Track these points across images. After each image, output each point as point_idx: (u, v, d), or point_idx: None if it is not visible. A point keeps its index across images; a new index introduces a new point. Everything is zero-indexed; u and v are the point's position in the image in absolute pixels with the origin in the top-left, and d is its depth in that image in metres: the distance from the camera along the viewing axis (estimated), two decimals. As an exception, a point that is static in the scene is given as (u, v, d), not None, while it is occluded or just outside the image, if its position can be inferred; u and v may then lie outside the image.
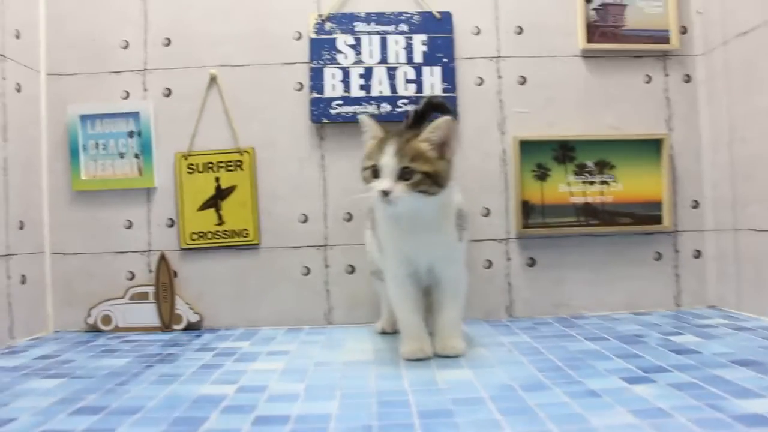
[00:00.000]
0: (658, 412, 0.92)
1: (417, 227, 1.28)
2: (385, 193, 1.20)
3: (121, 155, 1.74)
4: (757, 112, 1.58)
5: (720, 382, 1.05)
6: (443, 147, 1.26)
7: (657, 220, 1.77)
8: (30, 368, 1.32)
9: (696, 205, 1.80)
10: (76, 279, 1.74)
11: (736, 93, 1.67)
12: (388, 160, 1.21)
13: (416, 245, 1.30)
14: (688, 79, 1.80)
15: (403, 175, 1.21)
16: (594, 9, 1.77)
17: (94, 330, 1.71)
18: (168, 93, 1.75)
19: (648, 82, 1.79)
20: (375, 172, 1.24)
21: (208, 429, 0.91)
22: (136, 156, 1.74)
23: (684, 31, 1.79)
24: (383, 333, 1.58)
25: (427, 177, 1.22)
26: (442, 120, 1.24)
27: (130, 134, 1.74)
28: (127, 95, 1.75)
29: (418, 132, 1.27)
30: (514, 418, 0.92)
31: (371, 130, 1.31)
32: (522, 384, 1.09)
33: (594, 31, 1.76)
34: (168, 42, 1.75)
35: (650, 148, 1.77)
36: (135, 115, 1.74)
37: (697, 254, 1.80)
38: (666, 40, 1.77)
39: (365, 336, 1.58)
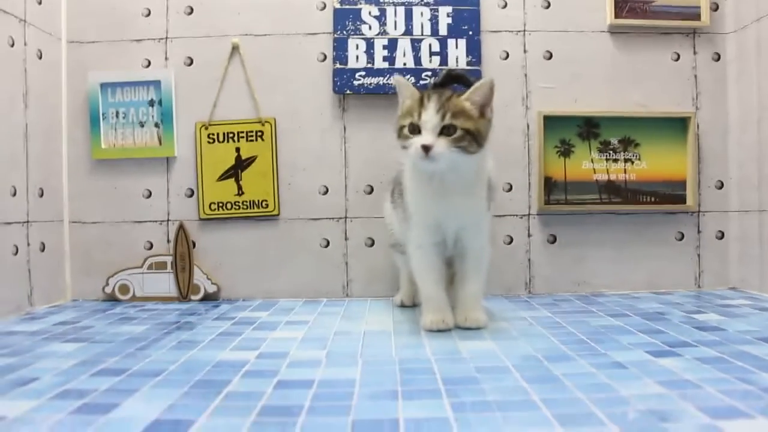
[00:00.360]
0: (687, 383, 0.90)
1: (451, 189, 1.26)
2: (426, 149, 1.19)
3: (142, 124, 1.73)
4: (788, 90, 1.56)
5: (747, 357, 1.04)
6: (484, 107, 1.26)
7: (681, 199, 1.75)
8: (50, 333, 1.31)
9: (721, 185, 1.77)
10: (95, 248, 1.73)
11: (767, 72, 1.63)
12: (431, 116, 1.20)
13: (448, 208, 1.29)
14: (717, 57, 1.76)
15: (445, 131, 1.20)
16: (622, -17, 1.74)
17: (111, 299, 1.71)
18: (189, 62, 1.74)
19: (676, 60, 1.76)
20: (413, 129, 1.22)
21: (230, 392, 0.91)
22: (156, 125, 1.73)
23: (716, 7, 1.76)
24: (402, 306, 1.58)
25: (468, 134, 1.21)
26: (486, 80, 1.24)
27: (151, 103, 1.73)
28: (149, 64, 1.74)
29: (456, 91, 1.27)
30: (540, 386, 0.91)
31: (406, 89, 1.29)
32: (546, 355, 1.08)
33: (622, 6, 1.73)
34: (190, 10, 1.74)
35: (676, 126, 1.74)
36: (156, 84, 1.72)
37: (720, 235, 1.77)
38: (696, 16, 1.74)
39: (384, 309, 1.57)
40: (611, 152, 1.74)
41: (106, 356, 1.11)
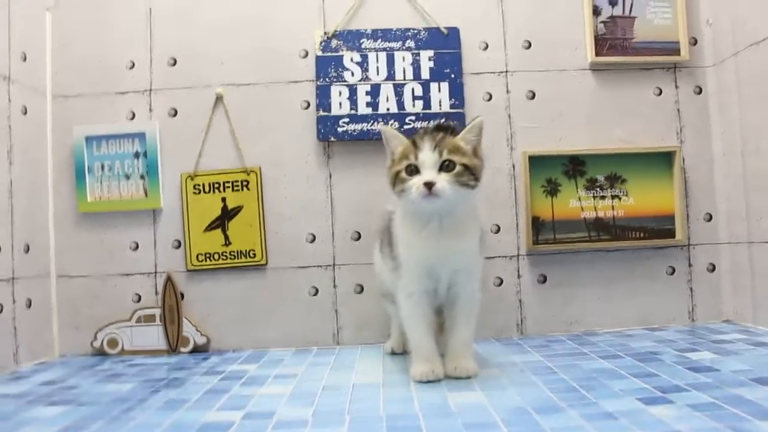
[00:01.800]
0: (678, 436, 0.89)
1: (446, 230, 1.27)
2: (429, 185, 1.19)
3: (127, 176, 1.73)
4: (770, 124, 1.56)
5: (740, 402, 1.02)
6: (476, 146, 1.28)
7: (670, 233, 1.74)
8: (34, 395, 1.29)
9: (709, 218, 1.77)
10: (82, 302, 1.72)
11: (749, 104, 1.64)
12: (428, 154, 1.22)
13: (443, 251, 1.28)
14: (699, 90, 1.77)
15: (444, 167, 1.22)
16: (602, 22, 1.75)
17: (100, 353, 1.69)
18: (174, 113, 1.74)
19: (658, 95, 1.77)
20: (411, 171, 1.23)
21: (215, 458, 0.89)
22: (142, 177, 1.73)
23: (694, 42, 1.78)
24: (392, 353, 1.56)
25: (466, 169, 1.23)
26: (477, 120, 1.28)
27: (136, 155, 1.73)
28: (133, 116, 1.74)
29: (448, 132, 1.28)
30: (529, 443, 0.89)
31: (395, 138, 1.31)
32: (536, 406, 1.06)
33: (603, 44, 1.75)
34: (174, 62, 1.75)
35: (662, 160, 1.74)
36: (141, 136, 1.73)
37: (712, 268, 1.77)
38: (676, 51, 1.75)
39: (374, 357, 1.55)
40: (598, 189, 1.74)
41: (90, 420, 1.09)
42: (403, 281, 1.33)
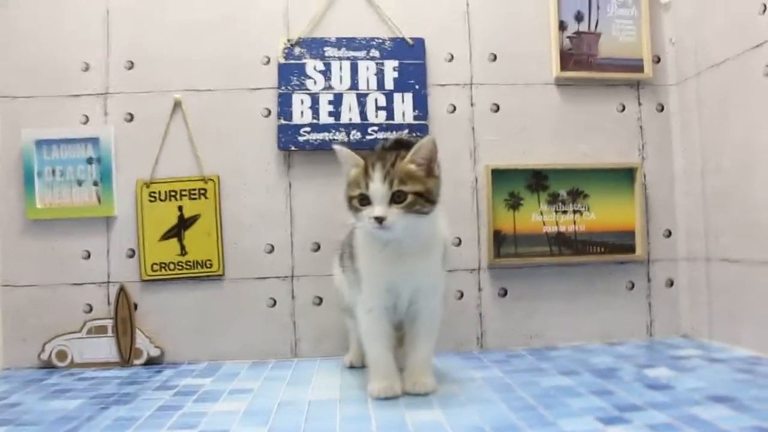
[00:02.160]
0: (637, 459, 0.88)
1: (406, 251, 1.25)
2: (380, 220, 1.17)
3: (80, 182, 1.67)
4: (729, 144, 1.58)
5: (697, 422, 1.02)
6: (430, 165, 1.24)
7: (630, 249, 1.75)
8: (-27, 414, 1.24)
9: (669, 234, 1.78)
10: (30, 312, 1.65)
11: (709, 124, 1.66)
12: (378, 186, 1.19)
13: (403, 271, 1.26)
14: (661, 108, 1.79)
15: (395, 198, 1.19)
16: (568, 37, 1.75)
17: (48, 366, 1.63)
18: (130, 118, 1.69)
19: (621, 111, 1.78)
20: (363, 200, 1.21)
21: (161, 484, 0.85)
22: (95, 183, 1.67)
23: (658, 60, 1.79)
24: (351, 367, 1.53)
25: (419, 197, 1.20)
26: (426, 139, 1.23)
27: (89, 161, 1.67)
28: (87, 120, 1.68)
29: (399, 153, 1.24)
30: (486, 467, 0.87)
31: (350, 158, 1.27)
32: (494, 426, 1.05)
33: (568, 59, 1.75)
34: (131, 65, 1.70)
35: (623, 177, 1.75)
36: (94, 141, 1.67)
37: (670, 283, 1.78)
38: (640, 69, 1.76)
39: (332, 371, 1.52)
40: (560, 204, 1.74)
41: (30, 442, 1.04)
42: (363, 296, 1.31)
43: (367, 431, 1.05)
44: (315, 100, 1.68)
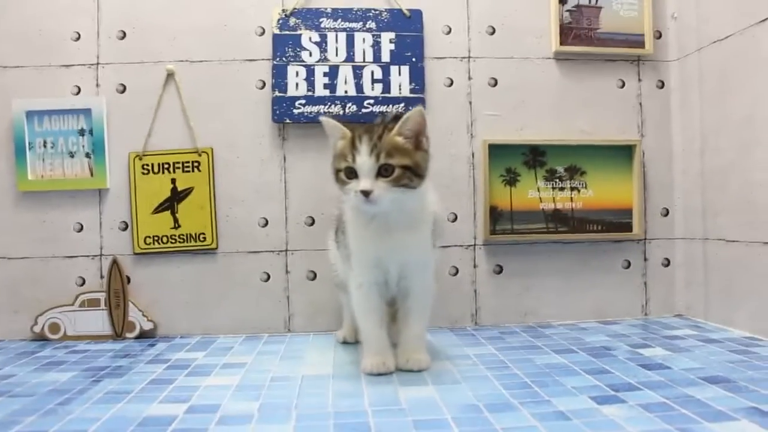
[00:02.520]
0: (629, 439, 0.88)
1: (394, 226, 1.23)
2: (366, 194, 1.16)
3: (71, 154, 1.65)
4: (729, 122, 1.56)
5: (691, 402, 1.02)
6: (418, 137, 1.22)
7: (627, 227, 1.74)
8: (-35, 385, 1.23)
9: (666, 213, 1.77)
10: (22, 285, 1.64)
11: (709, 101, 1.64)
12: (365, 159, 1.17)
13: (391, 245, 1.25)
14: (661, 84, 1.76)
15: (382, 171, 1.17)
16: (568, 11, 1.72)
17: (41, 338, 1.62)
18: (122, 89, 1.66)
19: (621, 87, 1.75)
20: (350, 173, 1.19)
21: (151, 458, 0.85)
22: (87, 155, 1.65)
23: (659, 35, 1.76)
24: (344, 342, 1.53)
25: (406, 170, 1.19)
26: (413, 111, 1.20)
27: (81, 132, 1.65)
28: (78, 91, 1.66)
29: (388, 126, 1.22)
30: (478, 445, 0.87)
31: (335, 130, 1.26)
32: (488, 404, 1.04)
33: (568, 33, 1.72)
34: (123, 35, 1.67)
35: (622, 154, 1.74)
36: (86, 112, 1.64)
37: (666, 263, 1.77)
38: (640, 44, 1.74)
39: (326, 346, 1.51)
40: (557, 181, 1.72)
41: (22, 414, 1.03)
42: (354, 271, 1.30)
43: (359, 407, 1.04)
44: (310, 72, 1.65)
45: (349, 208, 1.28)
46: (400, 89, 1.67)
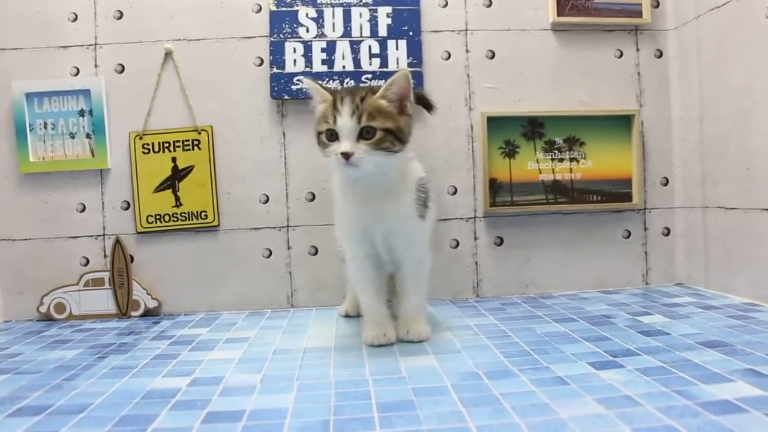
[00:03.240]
0: (626, 401, 0.89)
1: (376, 192, 1.22)
2: (346, 156, 1.15)
3: (72, 135, 1.66)
4: (728, 90, 1.55)
5: (688, 366, 1.03)
6: (402, 101, 1.21)
7: (627, 197, 1.74)
8: (-26, 363, 1.25)
9: (666, 182, 1.77)
10: (27, 266, 1.66)
11: (708, 69, 1.63)
12: (346, 120, 1.16)
13: (373, 212, 1.24)
14: (659, 54, 1.76)
15: (364, 133, 1.17)
16: (564, -19, 1.72)
17: (47, 318, 1.64)
18: (121, 69, 1.67)
19: (619, 57, 1.75)
20: (331, 136, 1.19)
21: (156, 429, 0.86)
22: (88, 136, 1.66)
23: (656, 4, 1.75)
24: (347, 316, 1.55)
25: (388, 133, 1.18)
26: (399, 74, 1.20)
27: (81, 113, 1.66)
28: (77, 71, 1.66)
29: (371, 88, 1.22)
30: (477, 409, 0.88)
31: (317, 93, 1.26)
32: (487, 371, 1.05)
33: (564, 4, 1.71)
34: (120, 15, 1.67)
35: (621, 124, 1.73)
36: (86, 93, 1.65)
37: (666, 232, 1.77)
38: (638, 13, 1.73)
39: (328, 320, 1.53)
40: (556, 152, 1.72)
41: (29, 390, 1.05)
42: (346, 242, 1.31)
43: (360, 376, 1.06)
44: (308, 48, 1.66)
45: (336, 178, 1.29)
46: (397, 63, 1.66)
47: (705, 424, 0.80)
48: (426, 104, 1.47)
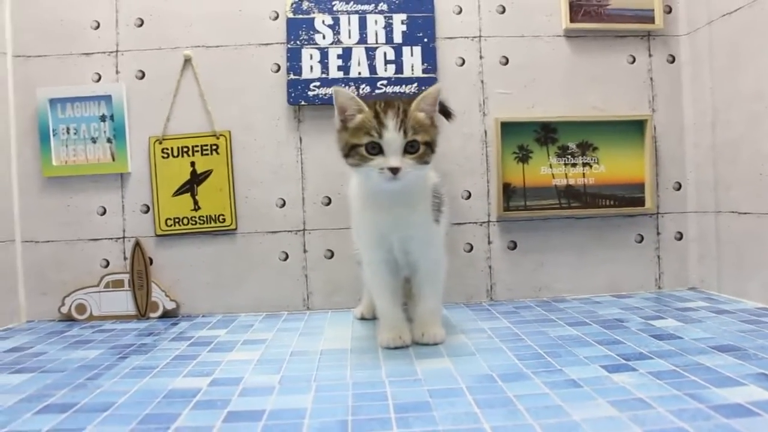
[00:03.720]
0: (639, 403, 0.90)
1: (396, 201, 1.24)
2: (395, 171, 1.16)
3: (94, 140, 1.70)
4: (740, 95, 1.56)
5: (701, 369, 1.04)
6: (433, 114, 1.24)
7: (640, 202, 1.75)
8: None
9: (678, 187, 1.78)
10: (49, 267, 1.70)
11: (720, 75, 1.64)
12: (393, 135, 1.17)
13: (391, 220, 1.26)
14: (672, 59, 1.77)
15: (408, 148, 1.18)
16: (577, -12, 1.73)
17: (68, 319, 1.67)
18: (141, 75, 1.70)
19: (632, 63, 1.76)
20: (373, 148, 1.18)
21: (178, 427, 0.89)
22: (109, 141, 1.70)
23: (669, 10, 1.76)
24: (362, 319, 1.57)
25: (427, 146, 1.20)
26: (433, 87, 1.23)
27: (102, 118, 1.69)
28: (99, 78, 1.70)
29: (405, 100, 1.23)
30: (492, 410, 0.90)
31: (351, 102, 1.23)
32: (501, 374, 1.07)
33: (577, 10, 1.73)
34: (141, 22, 1.70)
35: (633, 129, 1.75)
36: (107, 99, 1.69)
37: (679, 236, 1.78)
38: (650, 19, 1.74)
39: (344, 322, 1.55)
40: (569, 157, 1.74)
41: (54, 388, 1.08)
42: (364, 248, 1.33)
43: (377, 378, 1.08)
44: (324, 54, 1.68)
45: (355, 185, 1.30)
46: (412, 70, 1.69)
47: (716, 427, 0.81)
48: (445, 112, 1.50)
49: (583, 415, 0.87)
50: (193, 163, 1.70)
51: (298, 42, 1.68)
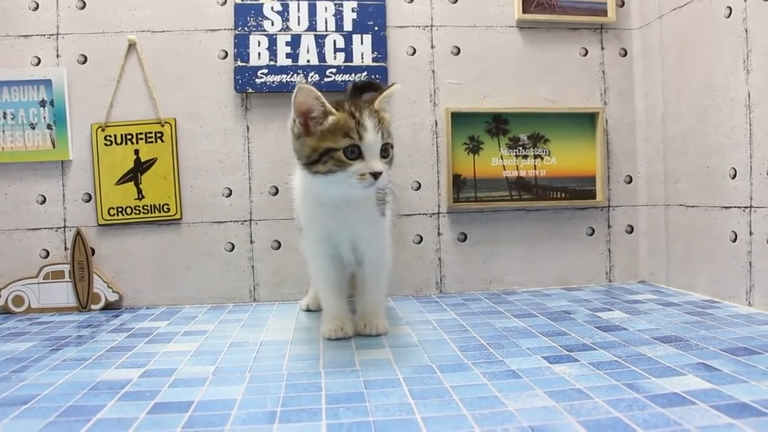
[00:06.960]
0: (576, 394, 0.89)
1: (344, 204, 1.20)
2: (376, 176, 1.10)
3: (33, 126, 1.64)
4: (690, 88, 1.57)
5: (641, 360, 1.04)
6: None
7: (591, 195, 1.75)
8: None
9: (630, 180, 1.78)
10: (-16, 257, 1.64)
11: (670, 68, 1.65)
12: (373, 137, 1.10)
13: (341, 222, 1.23)
14: (624, 52, 1.77)
15: (383, 151, 1.13)
16: (530, -22, 1.72)
17: (5, 312, 1.61)
18: (83, 60, 1.65)
19: (584, 55, 1.76)
20: (352, 152, 1.10)
21: (100, 419, 0.85)
22: (49, 127, 1.64)
23: (621, 4, 1.77)
24: (308, 311, 1.54)
25: (392, 148, 1.17)
26: (395, 86, 1.21)
27: (42, 103, 1.63)
28: (39, 61, 1.64)
29: (369, 100, 1.19)
30: (426, 401, 0.88)
31: (317, 101, 1.12)
32: (441, 365, 1.06)
33: (530, 1, 1.72)
34: (83, 4, 1.64)
35: (585, 122, 1.74)
36: (47, 83, 1.63)
37: (630, 229, 1.79)
38: (603, 12, 1.74)
39: (289, 314, 1.53)
40: (521, 148, 1.73)
41: (-25, 382, 1.04)
42: (308, 243, 1.30)
43: (313, 369, 1.05)
44: (272, 41, 1.65)
45: (302, 182, 1.26)
46: (362, 58, 1.66)
47: (651, 416, 0.80)
48: (376, 88, 1.44)
49: (519, 405, 0.86)
50: (137, 151, 1.65)
51: (245, 28, 1.64)
